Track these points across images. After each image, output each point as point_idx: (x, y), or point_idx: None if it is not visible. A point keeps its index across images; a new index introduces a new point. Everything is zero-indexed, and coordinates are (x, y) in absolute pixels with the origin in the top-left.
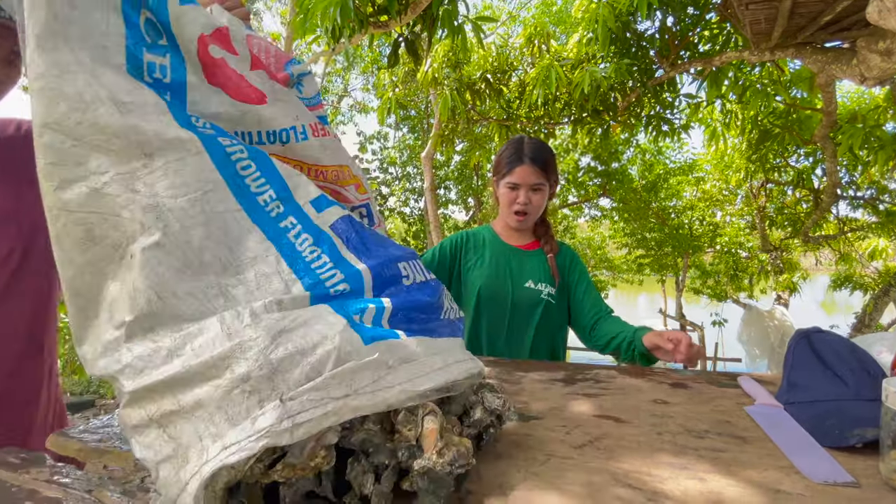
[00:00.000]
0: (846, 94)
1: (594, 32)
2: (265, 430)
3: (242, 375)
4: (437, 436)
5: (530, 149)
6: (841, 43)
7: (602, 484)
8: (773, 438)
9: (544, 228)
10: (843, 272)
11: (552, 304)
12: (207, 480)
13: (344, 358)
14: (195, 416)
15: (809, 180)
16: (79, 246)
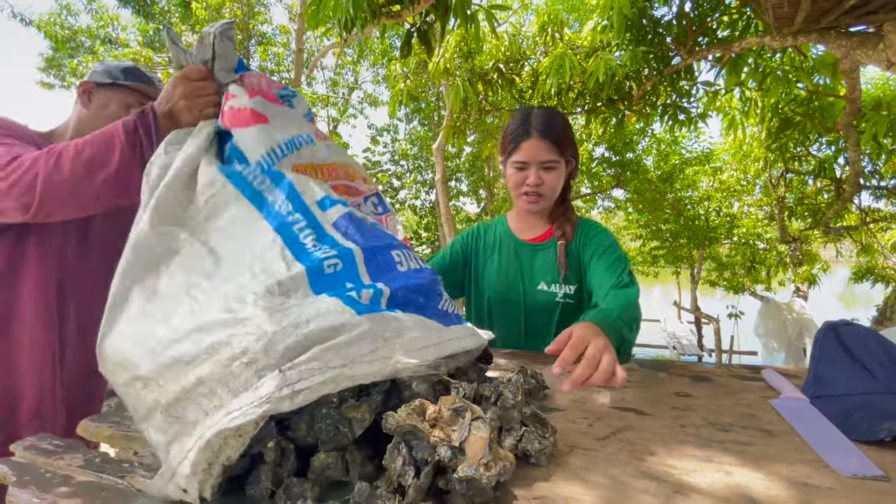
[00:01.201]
0: (870, 81)
1: (609, 19)
2: (265, 397)
3: (242, 350)
4: (486, 446)
5: (539, 120)
6: (866, 27)
7: (627, 476)
8: (800, 432)
9: (562, 210)
10: (865, 264)
11: (571, 305)
12: (205, 444)
13: (338, 329)
14: (197, 394)
15: (831, 169)
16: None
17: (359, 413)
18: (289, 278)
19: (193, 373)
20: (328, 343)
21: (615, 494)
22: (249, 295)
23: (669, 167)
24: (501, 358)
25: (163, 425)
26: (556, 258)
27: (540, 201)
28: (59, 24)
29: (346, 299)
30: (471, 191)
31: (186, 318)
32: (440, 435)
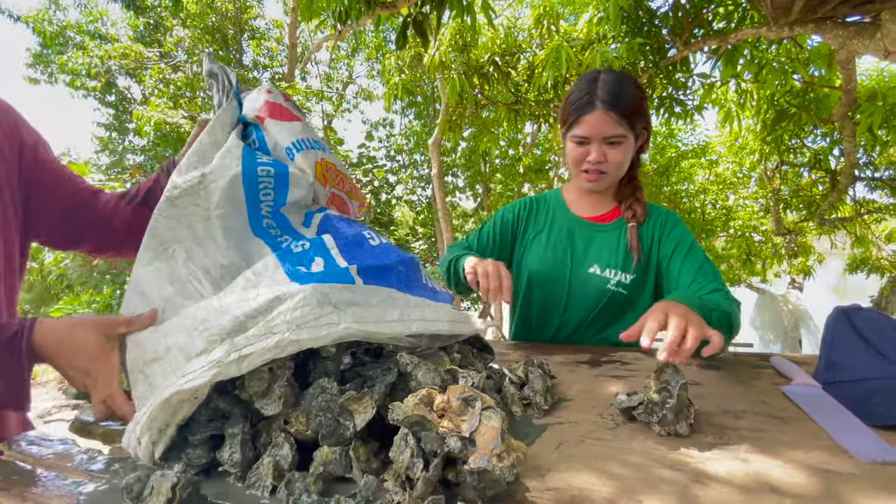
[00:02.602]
0: (865, 73)
1: (605, 11)
2: (216, 361)
3: (201, 319)
4: (498, 437)
5: (606, 89)
6: (861, 18)
7: (641, 465)
8: (815, 418)
9: (631, 189)
10: (859, 255)
11: (622, 296)
12: (162, 402)
13: (281, 298)
14: (165, 360)
15: (826, 161)
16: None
17: (360, 405)
18: (262, 266)
19: (165, 340)
20: (274, 311)
21: (631, 484)
22: (228, 287)
23: (665, 160)
24: (505, 349)
25: (140, 383)
26: (619, 241)
27: (601, 179)
28: (47, 19)
29: (292, 273)
30: (467, 186)
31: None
32: (449, 425)
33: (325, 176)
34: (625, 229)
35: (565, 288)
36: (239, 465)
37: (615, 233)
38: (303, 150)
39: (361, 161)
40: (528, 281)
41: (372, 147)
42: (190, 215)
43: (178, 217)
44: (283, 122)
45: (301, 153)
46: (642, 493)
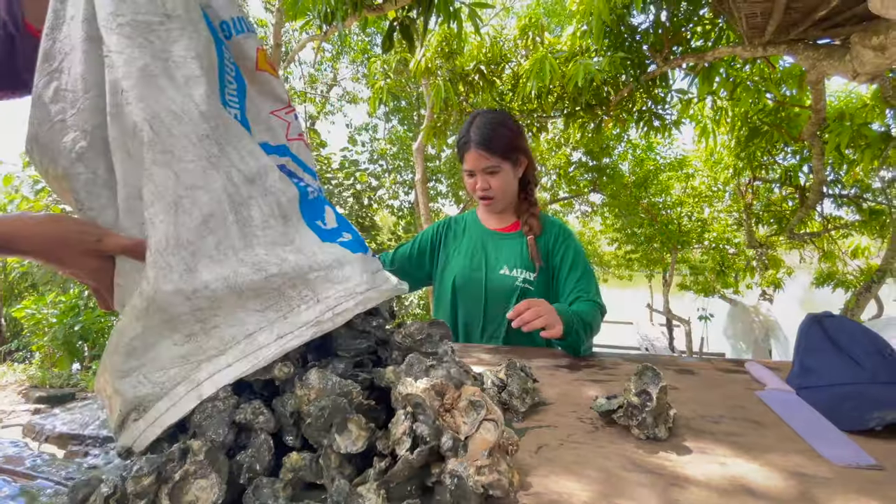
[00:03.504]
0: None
1: (588, 25)
2: (313, 321)
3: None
4: (487, 450)
5: (478, 131)
6: (831, 41)
7: (620, 469)
8: (790, 423)
9: (526, 206)
10: (826, 270)
11: (529, 292)
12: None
13: (342, 261)
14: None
15: (796, 177)
16: None
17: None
18: (287, 201)
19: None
20: (335, 272)
21: (610, 488)
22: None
23: (644, 172)
24: (485, 353)
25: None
26: (521, 248)
27: (493, 203)
28: None
29: (317, 230)
30: (450, 192)
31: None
32: (451, 423)
33: (270, 66)
34: (525, 239)
35: (483, 288)
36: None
37: (518, 241)
38: (244, 31)
39: (343, 164)
40: (452, 287)
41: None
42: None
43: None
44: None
45: (242, 35)
46: (621, 496)
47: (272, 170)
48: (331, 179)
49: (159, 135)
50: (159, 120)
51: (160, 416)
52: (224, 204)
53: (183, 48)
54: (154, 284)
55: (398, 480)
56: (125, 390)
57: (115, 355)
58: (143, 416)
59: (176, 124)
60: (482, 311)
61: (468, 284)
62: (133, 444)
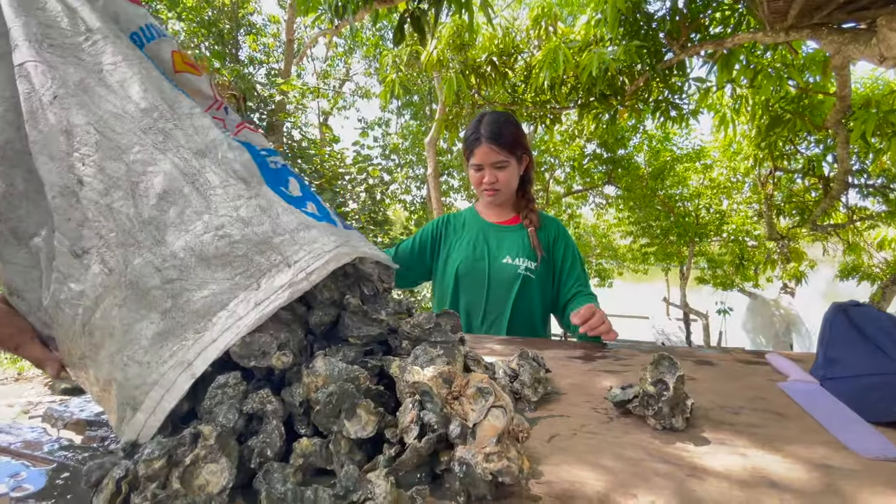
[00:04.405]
0: (858, 80)
1: (602, 13)
2: (287, 283)
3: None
4: (495, 437)
5: (488, 127)
6: (856, 24)
7: (636, 459)
8: (814, 414)
9: (525, 202)
10: (851, 262)
11: (531, 280)
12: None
13: (308, 224)
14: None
15: (820, 167)
16: None
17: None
18: (241, 167)
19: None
20: (301, 234)
21: (625, 478)
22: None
23: (660, 164)
24: (497, 344)
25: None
26: (523, 239)
27: (497, 195)
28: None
29: (283, 195)
30: (462, 186)
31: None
32: (459, 410)
33: (190, 66)
34: (527, 231)
35: (486, 276)
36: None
37: (519, 233)
38: (155, 38)
39: (356, 159)
40: (455, 277)
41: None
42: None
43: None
44: (128, 3)
45: (154, 42)
46: (637, 486)
47: (221, 143)
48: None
49: (104, 134)
50: (103, 122)
51: (158, 405)
52: (178, 179)
53: (110, 55)
54: (124, 262)
55: (407, 468)
56: (115, 375)
57: (95, 348)
58: (139, 407)
59: (118, 124)
60: (484, 298)
61: (471, 273)
62: (137, 437)
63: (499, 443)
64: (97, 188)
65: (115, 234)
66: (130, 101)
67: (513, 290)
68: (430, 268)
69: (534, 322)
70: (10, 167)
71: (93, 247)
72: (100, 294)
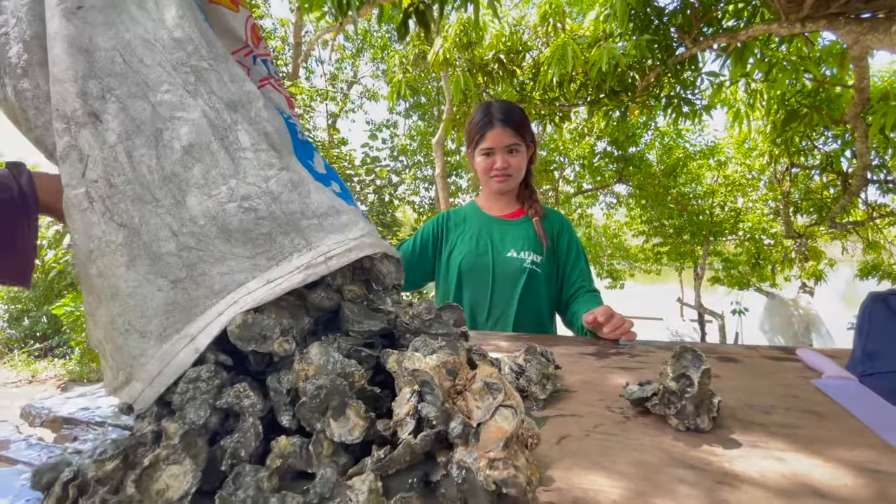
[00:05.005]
0: (876, 73)
1: (611, 8)
2: (304, 265)
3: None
4: (502, 441)
5: (499, 110)
6: (873, 15)
7: (657, 464)
8: (855, 413)
9: (528, 193)
10: (871, 260)
11: (537, 273)
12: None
13: (340, 210)
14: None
15: (838, 163)
16: None
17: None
18: (274, 132)
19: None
20: (329, 220)
21: (645, 485)
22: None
23: (673, 161)
24: (503, 340)
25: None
26: (528, 231)
27: (508, 181)
28: None
29: (313, 172)
30: (470, 187)
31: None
32: (463, 406)
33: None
34: (531, 223)
35: (490, 271)
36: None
37: (524, 225)
38: None
39: (364, 161)
40: (458, 273)
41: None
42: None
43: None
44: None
45: None
46: (659, 495)
47: (257, 98)
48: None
49: (131, 65)
50: (130, 50)
51: (156, 377)
52: (207, 132)
53: None
54: (139, 219)
55: (398, 467)
56: (114, 338)
57: (95, 303)
58: (138, 376)
59: (148, 53)
60: (489, 294)
61: (475, 268)
62: (133, 403)
63: (506, 448)
64: (116, 129)
65: (132, 186)
66: (164, 27)
67: (518, 285)
68: (432, 267)
69: (541, 317)
70: (38, 65)
71: (100, 196)
72: (95, 248)
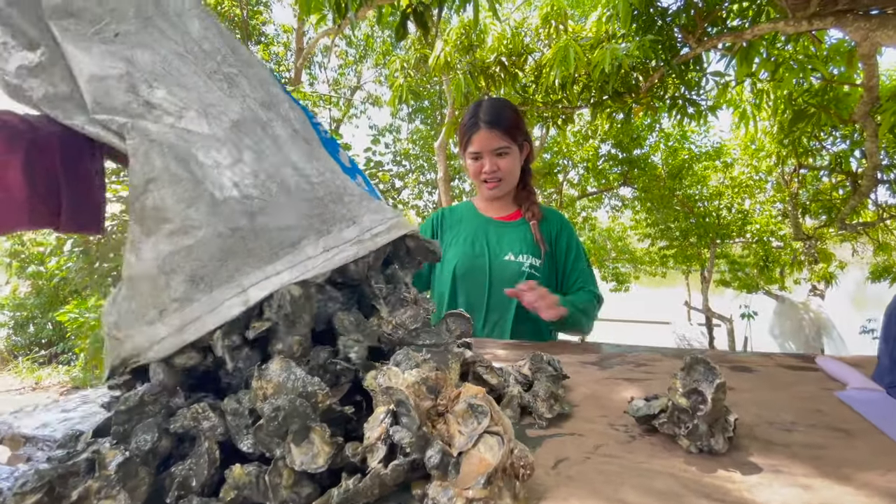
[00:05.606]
0: (885, 72)
1: (614, 9)
2: (354, 239)
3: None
4: (485, 475)
5: (487, 111)
6: (881, 11)
7: (666, 492)
8: (885, 430)
9: (526, 194)
10: (882, 262)
11: (535, 278)
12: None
13: (369, 196)
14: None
15: (847, 163)
16: None
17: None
18: (301, 128)
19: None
20: (364, 204)
21: None
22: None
23: (678, 163)
24: (501, 348)
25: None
26: (525, 234)
27: (500, 186)
28: None
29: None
30: (473, 190)
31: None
32: (443, 430)
33: None
34: (529, 225)
35: (487, 275)
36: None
37: (521, 228)
38: None
39: (368, 165)
40: (452, 276)
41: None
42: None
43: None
44: None
45: None
46: None
47: (283, 100)
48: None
49: (171, 74)
50: (167, 62)
51: (191, 323)
52: (249, 119)
53: None
54: (200, 169)
55: (365, 500)
56: (154, 276)
57: (151, 238)
58: (168, 320)
59: (183, 65)
60: (485, 299)
61: (470, 272)
62: (143, 352)
63: (488, 485)
64: (169, 110)
65: (191, 147)
66: (191, 39)
67: None
68: (429, 269)
69: (539, 324)
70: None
71: (160, 144)
72: (156, 177)
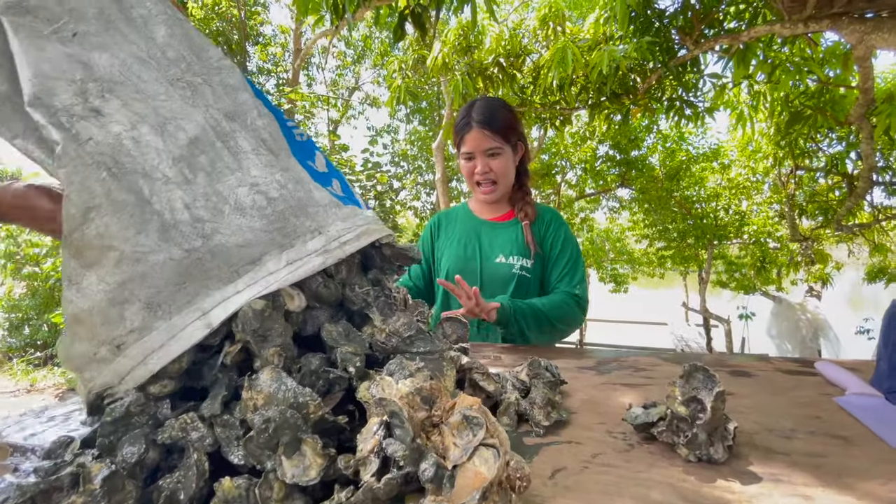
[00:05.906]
0: (879, 74)
1: (611, 10)
2: (320, 249)
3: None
4: (481, 490)
5: (479, 111)
6: (876, 14)
7: (663, 501)
8: (884, 437)
9: (520, 195)
10: (878, 264)
11: (526, 279)
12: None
13: (339, 204)
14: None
15: (843, 165)
16: None
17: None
18: (270, 137)
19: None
20: (332, 211)
21: None
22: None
23: (676, 164)
24: (495, 352)
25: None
26: (517, 235)
27: (494, 189)
28: None
29: (310, 171)
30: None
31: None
32: (438, 442)
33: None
34: (521, 226)
35: (478, 277)
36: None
37: (513, 229)
38: None
39: (365, 166)
40: (445, 277)
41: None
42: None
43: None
44: None
45: None
46: None
47: (251, 108)
48: (354, 182)
49: (130, 80)
50: (127, 66)
51: (155, 352)
52: (209, 132)
53: None
54: (151, 191)
55: None
56: (105, 308)
57: (96, 269)
58: (129, 352)
59: (145, 70)
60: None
61: (462, 274)
62: (113, 385)
63: (484, 500)
64: (121, 121)
65: (141, 164)
66: (155, 45)
67: (507, 292)
68: (431, 274)
69: (525, 330)
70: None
71: (105, 165)
72: (98, 205)
